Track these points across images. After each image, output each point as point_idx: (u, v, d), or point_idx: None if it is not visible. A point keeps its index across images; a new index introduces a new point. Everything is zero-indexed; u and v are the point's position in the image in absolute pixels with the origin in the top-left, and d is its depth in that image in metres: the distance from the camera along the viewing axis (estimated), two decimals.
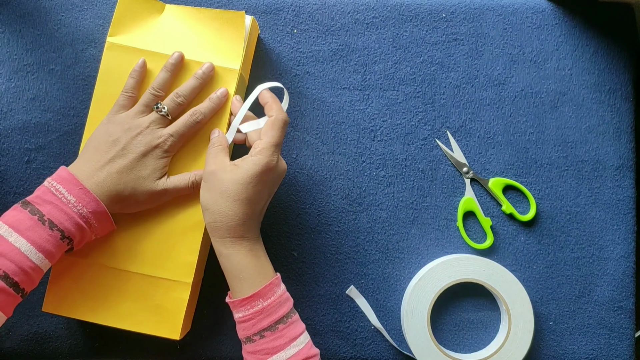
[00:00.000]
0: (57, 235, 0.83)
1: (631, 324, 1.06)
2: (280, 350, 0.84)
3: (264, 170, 0.86)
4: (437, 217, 1.07)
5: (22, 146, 1.04)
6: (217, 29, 0.98)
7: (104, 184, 0.88)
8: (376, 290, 1.06)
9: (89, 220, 0.86)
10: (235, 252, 0.87)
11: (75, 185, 0.85)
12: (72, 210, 0.84)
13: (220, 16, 0.98)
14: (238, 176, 0.85)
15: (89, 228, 0.87)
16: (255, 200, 0.87)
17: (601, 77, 1.08)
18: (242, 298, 0.85)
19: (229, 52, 0.98)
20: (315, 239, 1.06)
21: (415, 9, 1.09)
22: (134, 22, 0.98)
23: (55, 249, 0.83)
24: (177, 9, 1.00)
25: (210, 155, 0.90)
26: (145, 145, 0.90)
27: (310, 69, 1.08)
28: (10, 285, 0.79)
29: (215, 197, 0.86)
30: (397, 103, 1.07)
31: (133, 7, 0.98)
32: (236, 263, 0.87)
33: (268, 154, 0.86)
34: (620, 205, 1.07)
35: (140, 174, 0.90)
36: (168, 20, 1.00)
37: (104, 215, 0.88)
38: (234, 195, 0.85)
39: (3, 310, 0.80)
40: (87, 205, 0.85)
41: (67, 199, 0.84)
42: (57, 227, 0.83)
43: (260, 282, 0.86)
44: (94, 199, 0.86)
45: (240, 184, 0.85)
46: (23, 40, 1.06)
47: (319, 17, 1.08)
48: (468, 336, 1.07)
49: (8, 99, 1.05)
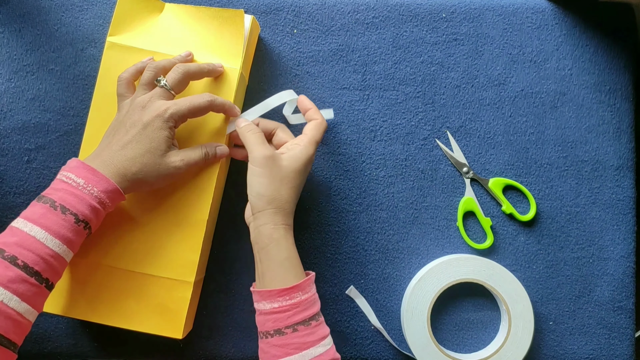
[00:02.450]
0: (70, 219, 0.81)
1: (631, 324, 1.06)
2: (310, 347, 0.84)
3: (310, 161, 0.92)
4: (437, 217, 1.07)
5: (22, 146, 1.04)
6: (217, 28, 0.99)
7: (111, 162, 0.86)
8: (376, 291, 1.06)
9: (102, 200, 0.84)
10: (285, 240, 0.88)
11: (83, 168, 0.84)
12: (82, 192, 0.83)
13: (219, 15, 0.98)
14: (295, 164, 0.89)
15: (103, 207, 0.86)
16: (301, 187, 0.93)
17: (601, 77, 1.08)
18: (282, 288, 0.85)
19: (229, 51, 0.98)
20: (314, 239, 1.06)
21: (415, 9, 1.09)
22: (133, 21, 0.98)
23: (71, 233, 0.82)
24: (177, 8, 1.00)
25: (255, 139, 0.91)
26: (148, 115, 0.88)
27: (310, 69, 1.08)
28: (32, 274, 0.77)
29: (274, 183, 0.88)
30: (397, 103, 1.07)
31: (133, 7, 0.99)
32: (284, 250, 0.88)
33: (314, 147, 0.92)
34: (620, 205, 1.07)
35: (146, 147, 0.88)
36: (168, 20, 1.00)
37: (116, 192, 0.86)
38: (292, 182, 0.89)
39: (32, 304, 0.79)
40: (96, 185, 0.84)
41: (76, 182, 0.83)
42: (70, 211, 0.81)
43: (301, 274, 0.88)
44: (103, 177, 0.84)
45: (297, 171, 0.89)
46: (23, 40, 1.06)
47: (319, 17, 1.08)
48: (468, 336, 1.07)
49: (8, 99, 1.05)
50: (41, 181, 1.04)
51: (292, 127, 1.06)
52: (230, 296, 1.05)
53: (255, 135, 0.91)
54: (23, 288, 0.77)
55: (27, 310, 0.78)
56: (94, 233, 0.91)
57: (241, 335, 1.04)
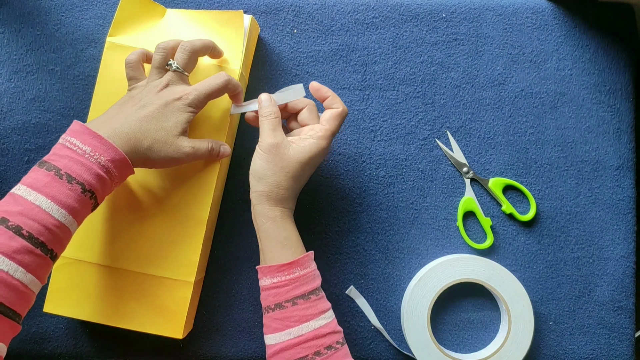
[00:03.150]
0: (77, 189, 0.79)
1: (631, 324, 1.06)
2: (310, 319, 0.85)
3: (322, 153, 0.92)
4: (437, 217, 1.07)
5: (22, 146, 1.04)
6: (216, 30, 0.99)
7: (122, 130, 0.84)
8: (376, 291, 1.06)
9: (109, 170, 0.82)
10: (282, 221, 0.90)
11: (89, 135, 0.81)
12: (88, 161, 0.80)
13: (219, 17, 0.99)
14: (299, 155, 0.89)
15: (110, 178, 0.83)
16: (306, 177, 0.93)
17: (601, 78, 1.08)
18: (281, 264, 0.87)
19: (229, 52, 0.98)
20: (315, 240, 1.06)
21: (415, 9, 1.09)
22: (134, 23, 0.99)
23: (78, 204, 0.79)
24: (178, 13, 1.01)
25: (268, 127, 0.91)
26: (167, 97, 0.88)
27: (310, 69, 1.08)
28: (37, 245, 0.75)
29: (275, 169, 0.89)
30: (397, 103, 1.07)
31: (134, 9, 0.99)
32: (282, 230, 0.89)
33: (328, 140, 0.92)
34: (620, 205, 1.07)
35: (161, 125, 0.87)
36: (168, 23, 1.00)
37: (124, 162, 0.84)
38: (293, 172, 0.89)
39: (37, 275, 0.77)
40: (104, 153, 0.81)
41: (82, 150, 0.80)
42: (76, 180, 0.79)
43: (300, 251, 0.90)
44: (111, 146, 0.82)
45: (301, 162, 0.89)
46: (23, 40, 1.06)
47: (319, 17, 1.08)
48: (468, 336, 1.07)
49: (8, 99, 1.05)
50: None
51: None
52: (230, 296, 1.05)
53: (269, 121, 0.92)
54: (28, 259, 0.75)
55: (32, 281, 0.75)
56: (93, 233, 0.91)
57: (241, 335, 1.04)
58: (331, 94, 0.94)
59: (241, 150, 1.06)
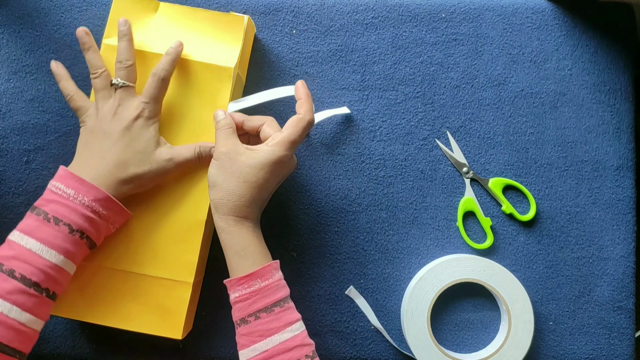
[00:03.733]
0: (65, 230, 0.83)
1: (631, 324, 1.06)
2: (274, 333, 0.84)
3: (277, 161, 0.88)
4: (436, 217, 1.07)
5: (21, 147, 1.04)
6: (213, 29, 0.99)
7: (101, 169, 0.88)
8: (376, 291, 1.06)
9: (95, 209, 0.86)
10: (238, 230, 0.88)
11: (72, 178, 0.86)
12: (73, 202, 0.84)
13: (217, 18, 0.99)
14: (252, 161, 0.87)
15: (100, 217, 0.87)
16: (263, 185, 0.89)
17: (601, 78, 1.08)
18: (240, 276, 0.86)
19: (225, 51, 0.98)
20: (314, 240, 1.06)
21: (415, 10, 1.09)
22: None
23: (68, 244, 0.83)
24: (172, 8, 1.01)
25: (221, 136, 0.90)
26: (125, 120, 0.90)
27: (309, 70, 1.08)
28: (30, 285, 0.79)
29: (225, 176, 0.87)
30: (397, 103, 1.07)
31: (127, 7, 0.99)
32: (238, 240, 0.87)
33: (284, 147, 0.88)
34: (620, 205, 1.07)
35: (135, 148, 0.90)
36: (163, 20, 1.00)
37: (109, 202, 0.88)
38: (244, 177, 0.87)
39: (35, 313, 0.81)
40: (86, 194, 0.85)
41: (66, 193, 0.84)
42: (63, 222, 0.83)
43: (260, 262, 0.87)
44: (92, 187, 0.85)
45: (253, 167, 0.87)
46: (22, 41, 1.06)
47: (318, 18, 1.08)
48: (468, 336, 1.06)
49: (7, 99, 1.05)
50: (40, 182, 1.04)
51: None
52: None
53: (222, 131, 0.91)
54: (22, 299, 0.79)
55: (29, 319, 0.80)
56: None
57: None
58: (304, 97, 0.92)
59: None
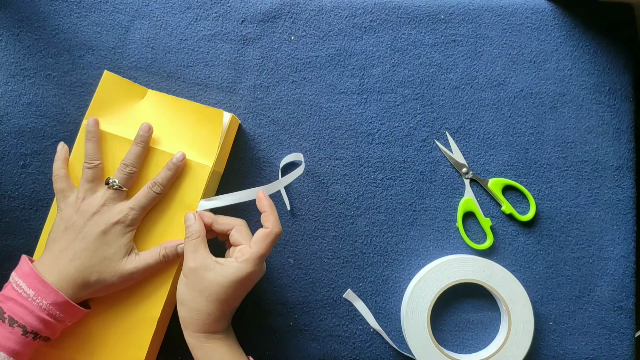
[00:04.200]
0: (18, 332, 0.82)
1: (631, 324, 1.06)
2: None
3: (247, 277, 0.86)
4: (436, 218, 1.07)
5: (18, 151, 1.04)
6: (195, 123, 0.98)
7: (67, 272, 0.86)
8: (375, 293, 1.06)
9: (51, 313, 0.84)
10: (209, 346, 0.87)
11: (35, 279, 0.84)
12: (31, 304, 0.83)
13: (199, 110, 0.98)
14: (220, 278, 0.85)
15: (55, 319, 0.85)
16: (233, 300, 0.88)
17: (601, 78, 1.08)
18: None
19: (204, 147, 0.97)
20: (312, 245, 1.06)
21: (414, 11, 1.08)
22: (112, 105, 0.98)
23: (18, 346, 0.82)
24: (159, 97, 0.99)
25: (189, 249, 0.88)
26: (105, 223, 0.89)
27: (307, 75, 1.07)
28: None
29: (193, 294, 0.86)
30: (396, 106, 1.07)
31: (114, 90, 0.98)
32: (211, 355, 0.87)
33: (254, 264, 0.86)
34: (620, 205, 1.07)
35: (104, 254, 0.88)
36: (147, 108, 0.99)
37: (66, 306, 0.86)
38: (213, 295, 0.85)
39: None
40: (46, 297, 0.84)
41: (26, 294, 0.83)
42: (18, 323, 0.82)
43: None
44: (53, 291, 0.84)
45: (221, 285, 0.85)
46: (21, 44, 1.06)
47: (316, 23, 1.08)
48: (468, 337, 1.07)
49: (4, 103, 1.05)
50: (36, 186, 1.04)
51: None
52: None
53: (191, 242, 0.89)
54: None
55: None
56: None
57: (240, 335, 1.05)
58: (268, 209, 0.89)
59: None
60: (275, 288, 1.04)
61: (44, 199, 1.04)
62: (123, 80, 0.99)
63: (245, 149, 1.06)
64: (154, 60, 1.06)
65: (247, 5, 1.08)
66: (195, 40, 1.07)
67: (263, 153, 1.06)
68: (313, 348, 1.03)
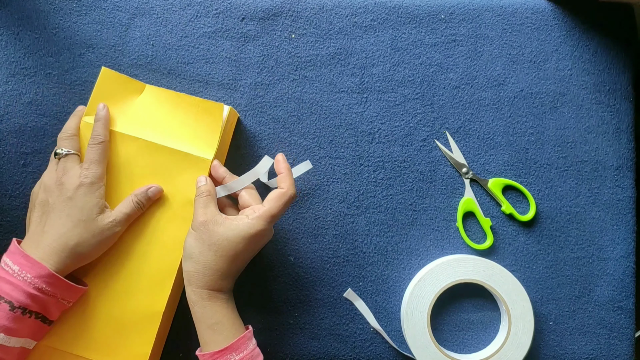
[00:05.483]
0: (5, 307, 0.82)
1: (631, 324, 1.06)
2: None
3: (256, 234, 0.87)
4: (436, 218, 1.07)
5: (18, 150, 1.04)
6: (194, 117, 0.98)
7: (45, 244, 0.87)
8: (375, 292, 1.06)
9: (37, 286, 0.84)
10: (211, 304, 0.87)
11: (18, 254, 0.85)
12: (16, 279, 0.83)
13: (198, 104, 0.98)
14: (230, 233, 0.86)
15: (44, 294, 0.85)
16: (241, 258, 0.88)
17: (601, 78, 1.08)
18: (214, 351, 0.85)
19: (204, 141, 0.97)
20: (312, 243, 1.06)
21: (414, 11, 1.08)
22: (111, 101, 0.98)
23: (9, 322, 0.82)
24: (157, 92, 1.00)
25: (199, 204, 0.90)
26: (68, 187, 0.89)
27: (307, 74, 1.07)
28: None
29: (202, 248, 0.86)
30: (396, 105, 1.07)
31: (113, 86, 0.98)
32: (211, 314, 0.86)
33: (265, 222, 0.87)
34: (620, 205, 1.07)
35: (77, 218, 0.88)
36: (146, 103, 0.99)
37: (52, 278, 0.86)
38: (222, 251, 0.86)
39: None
40: (29, 270, 0.84)
41: (12, 269, 0.84)
42: (4, 299, 0.82)
43: (234, 334, 0.86)
44: (36, 263, 0.85)
45: (231, 241, 0.86)
46: (21, 43, 1.06)
47: (317, 22, 1.08)
48: (468, 336, 1.07)
49: (4, 102, 1.05)
50: None
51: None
52: None
53: (201, 199, 0.90)
54: None
55: None
56: None
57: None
58: (285, 171, 0.91)
59: None
60: (276, 286, 1.04)
61: None
62: (121, 76, 0.99)
63: (246, 146, 1.06)
64: (154, 58, 1.06)
65: (247, 2, 1.08)
66: (196, 37, 1.07)
67: (264, 151, 1.06)
68: (313, 346, 1.03)
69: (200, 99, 0.98)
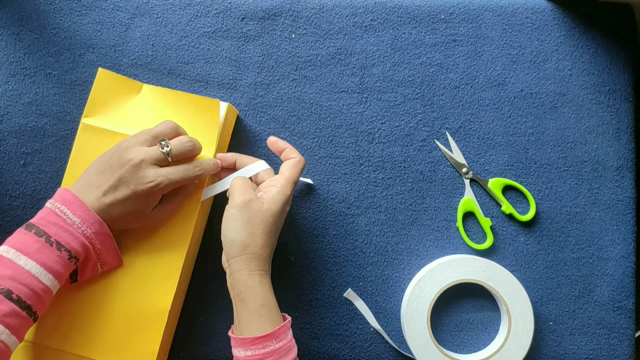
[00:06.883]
0: (65, 256, 0.83)
1: (631, 324, 1.06)
2: None
3: (287, 201, 0.88)
4: (436, 218, 1.07)
5: (18, 150, 1.04)
6: (192, 114, 0.98)
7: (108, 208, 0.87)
8: (375, 293, 1.06)
9: (92, 241, 0.86)
10: (261, 287, 0.85)
11: (80, 207, 0.85)
12: (76, 231, 0.84)
13: (195, 102, 0.98)
14: (274, 207, 0.86)
15: (93, 249, 0.87)
16: (278, 231, 0.90)
17: (601, 78, 1.08)
18: (256, 336, 0.82)
19: (204, 138, 0.96)
20: (312, 243, 1.06)
21: (414, 11, 1.08)
22: (109, 102, 0.98)
23: (64, 269, 0.83)
24: (155, 90, 1.00)
25: (238, 185, 0.89)
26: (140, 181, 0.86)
27: (308, 74, 1.07)
28: (24, 308, 0.79)
29: (251, 228, 0.85)
30: (396, 105, 1.07)
31: (110, 87, 0.98)
32: (261, 297, 0.84)
33: (290, 187, 0.89)
34: (620, 205, 1.07)
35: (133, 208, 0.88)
36: (144, 103, 0.99)
37: (106, 238, 0.88)
38: (269, 227, 0.85)
39: (17, 335, 0.79)
40: (90, 226, 0.85)
41: (72, 220, 0.84)
42: (65, 248, 0.83)
43: (277, 321, 0.85)
44: (98, 220, 0.86)
45: (274, 216, 0.86)
46: (21, 43, 1.06)
47: (317, 21, 1.08)
48: (468, 336, 1.07)
49: (5, 102, 1.05)
50: (37, 185, 1.04)
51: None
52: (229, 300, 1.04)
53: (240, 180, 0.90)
54: (15, 322, 0.78)
55: (14, 342, 0.79)
56: (51, 318, 0.92)
57: None
58: (288, 146, 0.93)
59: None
60: (276, 286, 1.03)
61: (45, 198, 1.03)
62: (118, 77, 0.99)
63: (246, 145, 1.07)
64: (154, 58, 1.07)
65: (247, 2, 1.08)
66: (196, 37, 1.07)
67: (264, 150, 1.06)
68: (313, 346, 1.03)
69: (196, 96, 0.98)
